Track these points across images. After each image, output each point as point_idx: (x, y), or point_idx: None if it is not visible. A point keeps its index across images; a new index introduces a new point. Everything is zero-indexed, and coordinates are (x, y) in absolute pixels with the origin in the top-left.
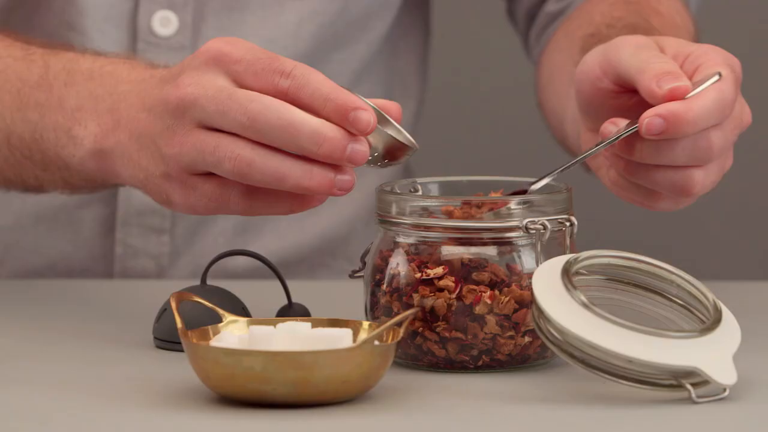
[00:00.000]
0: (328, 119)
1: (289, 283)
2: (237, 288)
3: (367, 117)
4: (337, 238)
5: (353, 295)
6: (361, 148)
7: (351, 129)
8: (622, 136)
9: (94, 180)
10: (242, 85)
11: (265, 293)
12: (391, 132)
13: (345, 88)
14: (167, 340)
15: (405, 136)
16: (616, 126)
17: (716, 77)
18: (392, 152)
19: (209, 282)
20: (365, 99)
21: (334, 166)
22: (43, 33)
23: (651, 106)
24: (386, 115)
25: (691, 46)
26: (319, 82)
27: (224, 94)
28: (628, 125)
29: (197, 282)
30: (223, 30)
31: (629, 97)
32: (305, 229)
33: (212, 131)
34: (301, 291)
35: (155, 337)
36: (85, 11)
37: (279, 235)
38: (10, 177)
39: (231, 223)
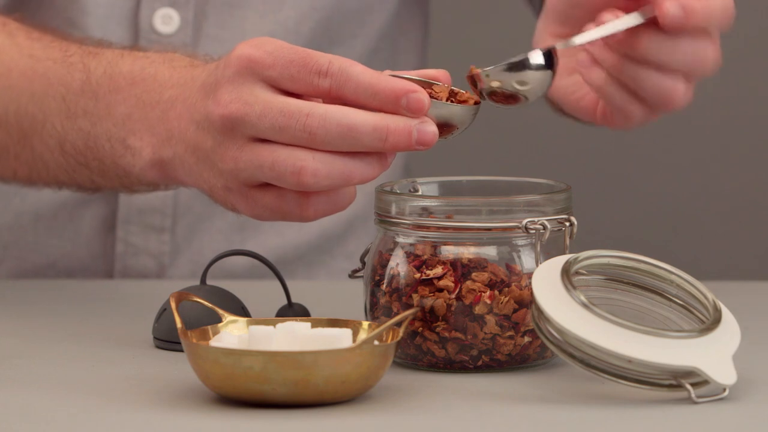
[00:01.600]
0: (380, 111)
1: (289, 283)
2: (236, 288)
3: (419, 97)
4: (335, 237)
5: (353, 295)
6: (427, 128)
7: (407, 115)
8: (626, 26)
9: (157, 185)
10: (281, 90)
11: (264, 293)
12: (445, 96)
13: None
14: (167, 340)
15: (460, 94)
16: (615, 16)
17: None
18: (457, 120)
19: (208, 282)
20: (411, 75)
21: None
22: None
23: (641, 5)
24: (431, 81)
25: None
26: (359, 75)
27: (275, 109)
28: (634, 16)
29: (197, 281)
30: (223, 27)
31: None
32: (304, 227)
33: (265, 143)
34: (301, 291)
35: (155, 337)
36: (87, 9)
37: (278, 232)
38: (64, 180)
39: (229, 222)
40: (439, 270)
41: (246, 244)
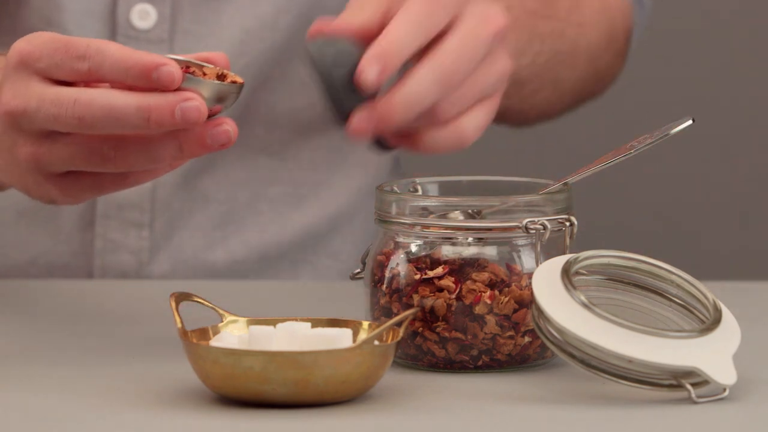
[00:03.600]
0: (136, 88)
1: (289, 283)
2: (237, 288)
3: (169, 70)
4: (319, 234)
5: (353, 295)
6: (191, 104)
7: (161, 88)
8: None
9: None
10: (53, 81)
11: (264, 293)
12: (213, 79)
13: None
14: None
15: (230, 77)
16: None
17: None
18: (221, 97)
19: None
20: (185, 57)
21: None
22: (24, 30)
23: None
24: (204, 63)
25: None
26: (113, 53)
27: (47, 100)
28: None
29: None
30: (200, 22)
31: None
32: (287, 224)
33: (54, 134)
34: (301, 291)
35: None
36: (63, 6)
37: (260, 229)
38: None
39: (209, 217)
40: (439, 270)
41: (227, 241)
